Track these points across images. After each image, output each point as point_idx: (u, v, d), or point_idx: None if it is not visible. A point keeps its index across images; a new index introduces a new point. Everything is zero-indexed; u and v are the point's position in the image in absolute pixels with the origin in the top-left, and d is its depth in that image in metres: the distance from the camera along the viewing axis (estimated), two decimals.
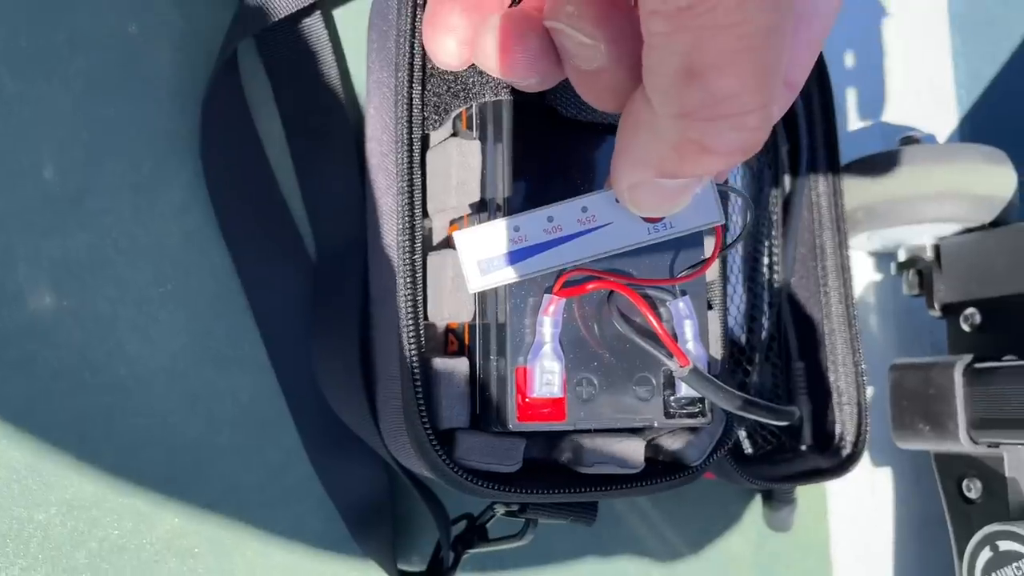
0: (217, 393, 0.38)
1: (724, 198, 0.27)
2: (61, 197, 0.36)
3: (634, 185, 0.23)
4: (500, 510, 0.33)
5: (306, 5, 0.38)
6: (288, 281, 0.39)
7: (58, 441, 0.35)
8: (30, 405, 0.35)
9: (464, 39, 0.24)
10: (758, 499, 0.50)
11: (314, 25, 0.40)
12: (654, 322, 0.28)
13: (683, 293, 0.30)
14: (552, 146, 0.30)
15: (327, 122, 0.40)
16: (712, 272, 0.34)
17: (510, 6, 0.25)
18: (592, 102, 0.23)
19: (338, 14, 0.41)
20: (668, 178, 0.22)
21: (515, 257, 0.25)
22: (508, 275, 0.25)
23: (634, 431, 0.31)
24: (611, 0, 0.21)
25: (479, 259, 0.25)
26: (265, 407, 0.39)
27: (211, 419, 0.38)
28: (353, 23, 0.42)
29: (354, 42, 0.42)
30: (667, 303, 0.30)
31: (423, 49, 0.31)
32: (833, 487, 0.53)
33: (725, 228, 0.28)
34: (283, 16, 0.38)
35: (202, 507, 0.38)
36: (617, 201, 0.25)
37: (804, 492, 0.50)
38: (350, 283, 0.38)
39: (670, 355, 0.28)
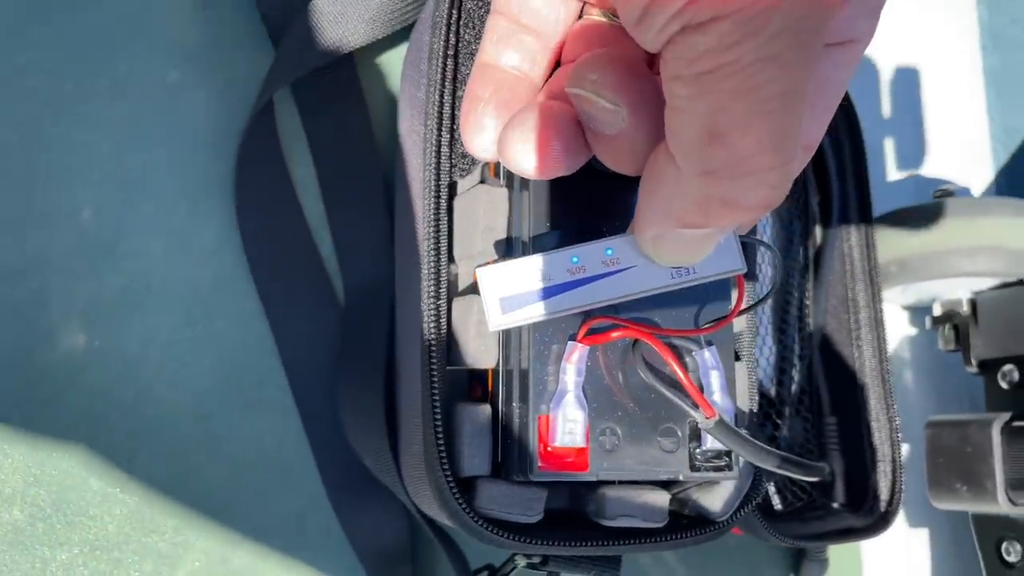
0: (242, 437, 0.38)
1: (752, 249, 0.27)
2: (97, 239, 0.37)
3: (657, 236, 0.23)
4: (521, 562, 0.32)
5: (341, 55, 0.39)
6: (316, 325, 0.39)
7: (83, 481, 0.35)
8: (57, 444, 0.35)
9: (495, 138, 0.25)
10: (789, 556, 0.49)
11: (349, 74, 0.41)
12: (679, 372, 0.27)
13: (709, 343, 0.30)
14: (577, 191, 0.30)
15: (359, 168, 0.40)
16: (740, 323, 0.33)
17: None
18: (611, 164, 0.23)
19: (372, 64, 0.42)
20: (691, 229, 0.22)
21: (538, 296, 0.25)
22: (530, 314, 0.25)
23: (659, 484, 0.30)
24: (630, 67, 0.22)
25: (501, 296, 0.25)
26: (289, 452, 0.39)
27: (235, 463, 0.38)
28: (387, 73, 0.42)
29: (387, 91, 0.42)
30: (693, 353, 0.30)
31: (453, 99, 0.32)
32: (867, 546, 0.51)
33: (750, 277, 0.27)
34: (319, 66, 0.39)
35: (224, 551, 0.37)
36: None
37: (837, 551, 0.49)
38: (376, 327, 0.38)
39: (695, 406, 0.28)
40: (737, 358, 0.32)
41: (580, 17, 0.27)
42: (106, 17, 0.38)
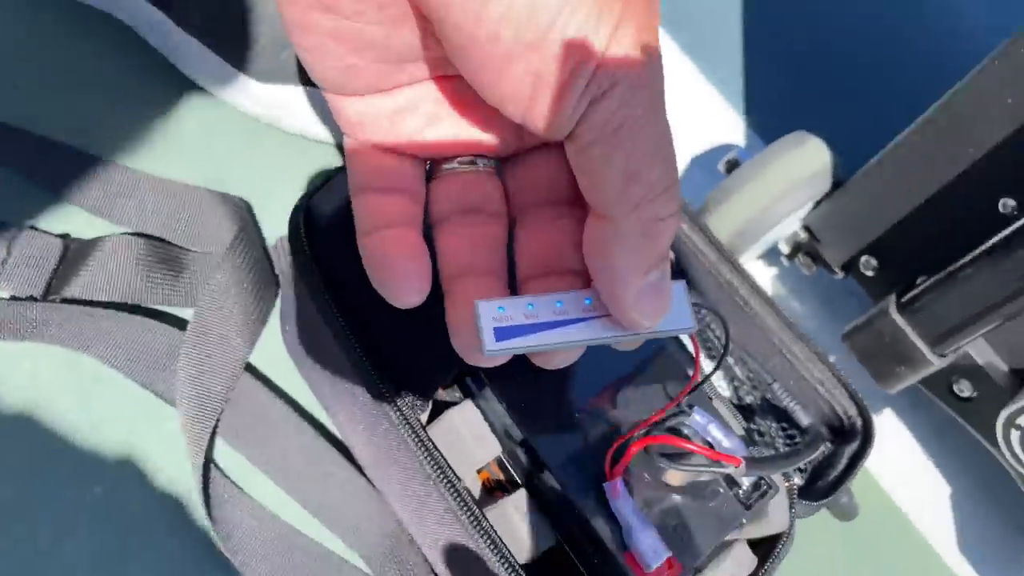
0: None
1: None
2: None
3: (635, 295, 0.27)
4: None
5: (236, 375, 0.41)
6: None
7: None
8: None
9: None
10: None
11: (248, 389, 0.42)
12: (692, 447, 0.32)
13: (691, 406, 0.34)
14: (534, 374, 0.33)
15: (310, 452, 0.42)
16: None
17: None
18: None
19: (259, 361, 0.44)
20: (653, 270, 0.26)
21: (526, 330, 0.27)
22: (520, 344, 0.27)
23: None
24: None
25: (495, 327, 0.27)
26: None
27: None
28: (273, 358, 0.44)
29: (284, 374, 0.44)
30: (687, 422, 0.34)
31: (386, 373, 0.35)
32: (868, 462, 0.57)
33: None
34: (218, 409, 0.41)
35: None
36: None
37: None
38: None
39: (721, 464, 0.32)
40: (711, 399, 0.37)
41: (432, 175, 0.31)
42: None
